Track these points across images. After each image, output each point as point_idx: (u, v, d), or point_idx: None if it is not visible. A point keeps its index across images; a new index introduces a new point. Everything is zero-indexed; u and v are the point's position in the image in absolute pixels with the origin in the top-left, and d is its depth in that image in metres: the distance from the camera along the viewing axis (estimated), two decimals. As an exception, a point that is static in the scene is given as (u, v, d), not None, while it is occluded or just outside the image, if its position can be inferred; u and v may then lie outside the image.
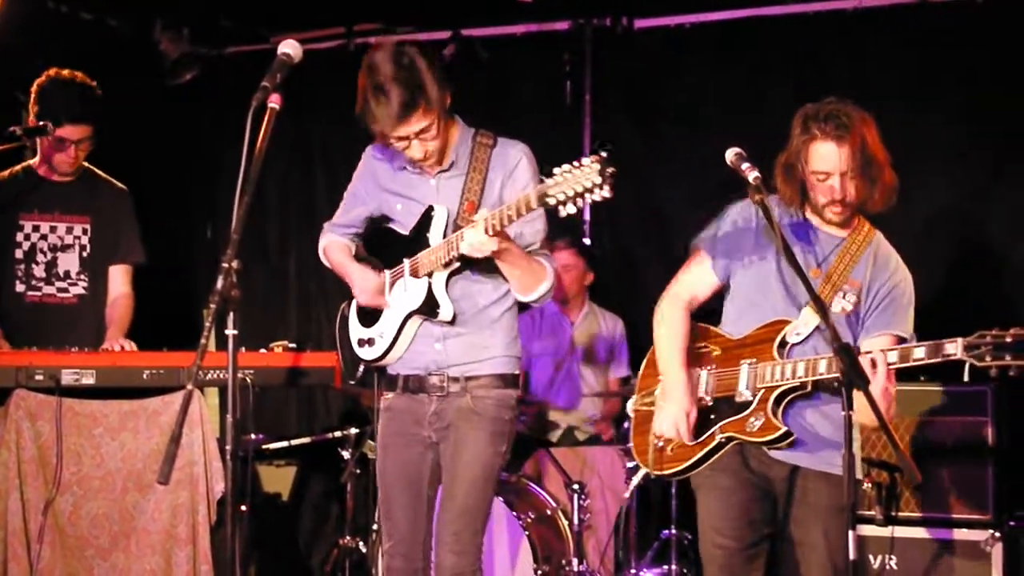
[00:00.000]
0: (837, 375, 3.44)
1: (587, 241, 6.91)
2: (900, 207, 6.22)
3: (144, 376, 4.70)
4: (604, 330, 6.61)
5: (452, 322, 3.95)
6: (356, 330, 4.21)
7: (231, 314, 3.15)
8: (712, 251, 3.97)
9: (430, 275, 3.94)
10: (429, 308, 3.93)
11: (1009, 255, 6.13)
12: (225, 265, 3.13)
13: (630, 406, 4.18)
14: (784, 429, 3.68)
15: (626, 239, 6.97)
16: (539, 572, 5.39)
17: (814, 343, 3.73)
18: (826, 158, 3.70)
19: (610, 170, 3.32)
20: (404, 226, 4.08)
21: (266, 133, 3.28)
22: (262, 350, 4.85)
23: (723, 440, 3.81)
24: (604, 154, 3.34)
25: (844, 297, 3.76)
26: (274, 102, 3.32)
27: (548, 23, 7.06)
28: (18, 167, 5.18)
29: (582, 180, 3.35)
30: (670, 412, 3.85)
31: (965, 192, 6.21)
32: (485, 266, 3.92)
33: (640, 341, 6.66)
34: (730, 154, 3.64)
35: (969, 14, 6.20)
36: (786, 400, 3.73)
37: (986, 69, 6.14)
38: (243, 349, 4.69)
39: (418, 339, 4.03)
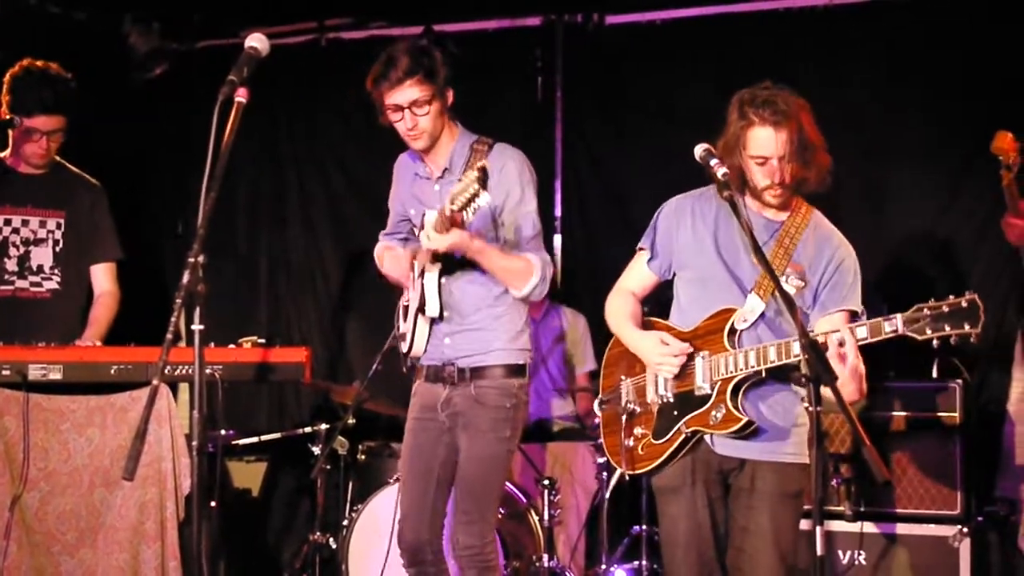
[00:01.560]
0: (788, 361, 3.54)
1: (558, 237, 6.91)
2: (872, 204, 6.34)
3: (112, 371, 4.67)
4: (565, 327, 6.62)
5: (441, 319, 4.26)
6: (400, 325, 4.51)
7: (198, 309, 3.14)
8: (650, 249, 4.11)
9: (421, 274, 4.25)
10: (422, 305, 4.25)
11: (979, 250, 6.15)
12: (191, 260, 3.11)
13: (597, 406, 4.27)
14: (746, 419, 3.73)
15: (596, 233, 6.97)
16: (509, 568, 5.39)
17: (760, 330, 3.80)
18: (764, 143, 3.77)
19: (486, 179, 3.71)
20: (418, 230, 4.38)
21: (233, 127, 3.27)
22: (231, 345, 4.82)
23: (689, 435, 3.85)
24: (484, 163, 3.75)
25: (788, 281, 3.82)
26: (241, 96, 3.31)
27: (520, 19, 7.06)
28: None
29: (468, 189, 3.75)
30: (652, 352, 3.92)
31: (936, 188, 6.24)
32: (478, 265, 4.23)
33: (608, 336, 6.68)
34: (699, 150, 3.70)
35: (939, 12, 6.22)
36: (743, 388, 3.79)
37: (957, 66, 6.16)
38: (212, 344, 4.67)
39: (434, 334, 4.34)
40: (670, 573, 3.96)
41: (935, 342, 3.44)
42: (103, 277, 5.23)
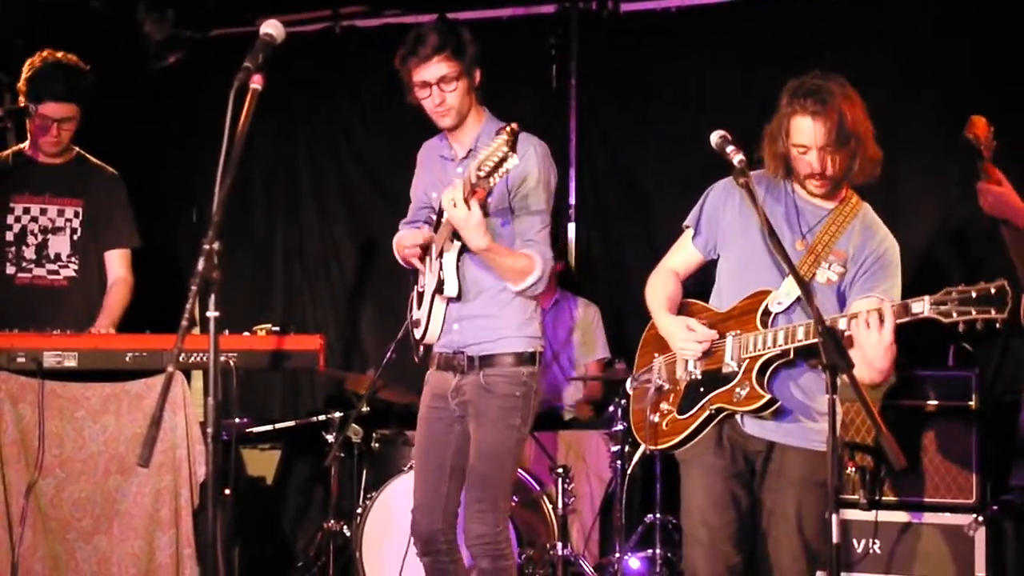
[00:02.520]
0: (816, 340, 3.45)
1: (572, 225, 6.90)
2: (885, 194, 6.31)
3: (127, 359, 4.68)
4: (576, 317, 6.61)
5: (459, 299, 4.24)
6: (414, 312, 4.51)
7: (212, 296, 3.14)
8: (696, 228, 4.10)
9: (441, 255, 4.23)
10: (440, 285, 4.24)
11: (994, 240, 6.11)
12: (206, 247, 3.11)
13: (629, 384, 4.32)
14: (768, 397, 3.74)
15: (611, 221, 6.96)
16: (523, 556, 5.40)
17: (795, 314, 3.80)
18: (804, 132, 3.77)
19: (512, 139, 3.67)
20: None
21: (248, 114, 3.26)
22: (245, 333, 4.82)
23: (713, 411, 3.87)
24: (514, 124, 3.72)
25: (829, 268, 3.83)
26: (256, 83, 3.31)
27: (534, 7, 7.04)
28: (9, 151, 5.16)
29: (496, 152, 3.69)
30: (678, 337, 3.95)
31: (950, 178, 6.21)
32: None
33: (625, 323, 6.68)
34: (715, 137, 3.69)
35: (955, 1, 6.19)
36: (771, 369, 3.78)
37: (970, 56, 6.13)
38: (226, 332, 4.67)
39: (446, 319, 4.33)
40: (686, 542, 3.99)
41: (961, 326, 3.42)
42: (117, 264, 5.24)
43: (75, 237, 5.15)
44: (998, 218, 4.72)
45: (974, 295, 3.43)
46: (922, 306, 3.47)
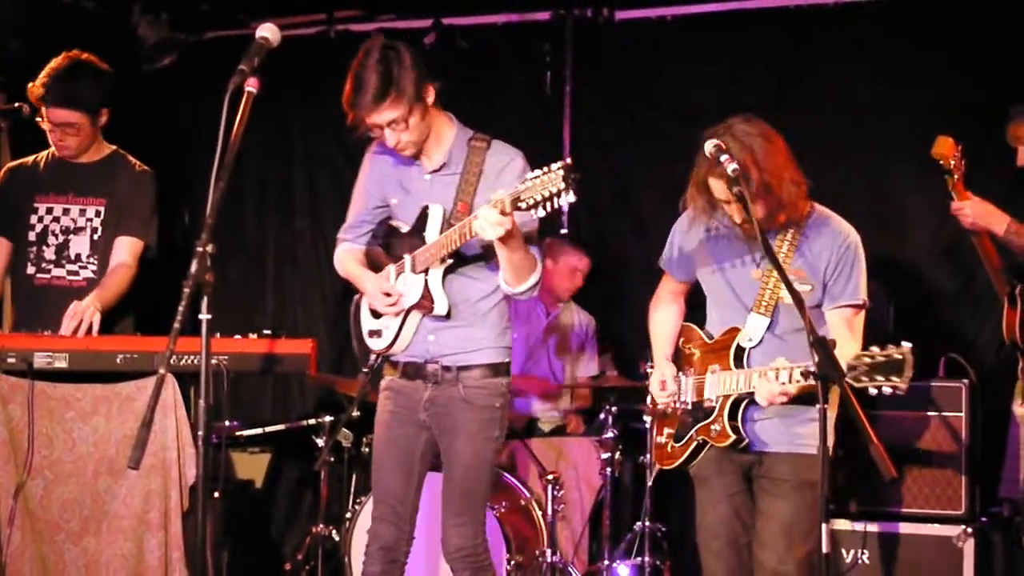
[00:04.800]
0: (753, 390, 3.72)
1: (564, 231, 6.91)
2: (877, 202, 6.33)
3: (117, 360, 4.66)
4: (578, 326, 6.62)
5: (448, 316, 4.16)
6: (367, 321, 4.40)
7: (205, 299, 3.14)
8: (668, 268, 4.29)
9: (426, 271, 4.13)
10: (424, 304, 4.14)
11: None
12: (199, 249, 3.12)
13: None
14: (733, 438, 3.92)
15: (604, 228, 6.97)
16: (512, 562, 5.39)
17: (770, 345, 3.91)
18: (718, 189, 3.84)
19: (574, 176, 3.47)
20: (403, 221, 4.29)
21: (243, 117, 3.28)
22: (237, 336, 4.82)
23: (700, 442, 4.04)
24: (569, 160, 3.51)
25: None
26: (251, 86, 3.32)
27: (529, 14, 7.04)
28: (44, 152, 5.14)
29: (548, 186, 3.52)
30: (653, 378, 4.22)
31: (942, 186, 6.22)
32: (476, 261, 4.16)
33: (617, 331, 6.69)
34: (709, 146, 3.71)
35: (948, 9, 6.21)
36: (742, 405, 3.93)
37: (964, 64, 6.14)
38: (218, 335, 4.66)
39: (417, 331, 4.23)
40: (701, 553, 4.13)
41: (871, 390, 3.49)
42: (124, 250, 5.08)
43: (95, 237, 5.10)
44: (981, 232, 4.75)
45: (880, 361, 3.48)
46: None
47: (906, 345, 3.48)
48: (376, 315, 4.33)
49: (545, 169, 3.55)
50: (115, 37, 6.94)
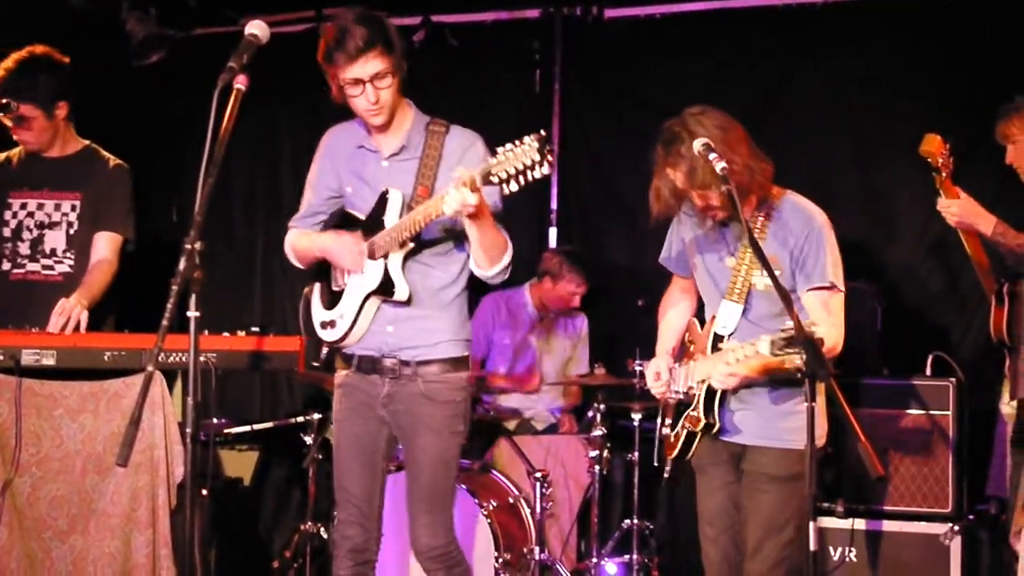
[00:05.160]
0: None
1: (553, 230, 6.91)
2: (867, 200, 6.35)
3: (105, 357, 4.65)
4: (568, 326, 6.62)
5: (408, 302, 4.03)
6: (319, 313, 4.27)
7: (194, 296, 3.13)
8: (669, 266, 4.33)
9: (386, 256, 4.00)
10: (385, 289, 4.00)
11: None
12: (188, 247, 3.12)
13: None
14: (704, 422, 3.97)
15: (593, 227, 6.98)
16: (500, 560, 5.39)
17: (746, 333, 3.92)
18: (679, 180, 3.87)
19: (548, 147, 3.39)
20: (359, 209, 4.17)
21: (232, 114, 3.28)
22: (225, 333, 4.81)
23: (688, 430, 4.06)
24: (543, 132, 3.42)
25: (762, 274, 3.89)
26: (240, 83, 3.32)
27: (518, 11, 7.05)
28: (17, 148, 5.12)
29: (522, 158, 3.42)
30: (649, 369, 4.22)
31: (932, 185, 6.24)
32: (437, 248, 4.05)
33: (605, 328, 6.69)
34: (698, 144, 3.71)
35: (935, 9, 6.23)
36: (719, 392, 3.96)
37: (953, 63, 6.17)
38: (206, 332, 4.65)
39: (374, 321, 4.10)
40: (701, 539, 4.17)
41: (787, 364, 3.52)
42: (104, 246, 5.05)
43: (71, 231, 5.08)
44: (967, 230, 4.76)
45: (790, 338, 3.48)
46: (765, 346, 3.53)
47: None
48: (330, 306, 4.21)
49: (518, 142, 3.44)
50: (103, 33, 6.93)
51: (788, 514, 3.89)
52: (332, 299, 4.22)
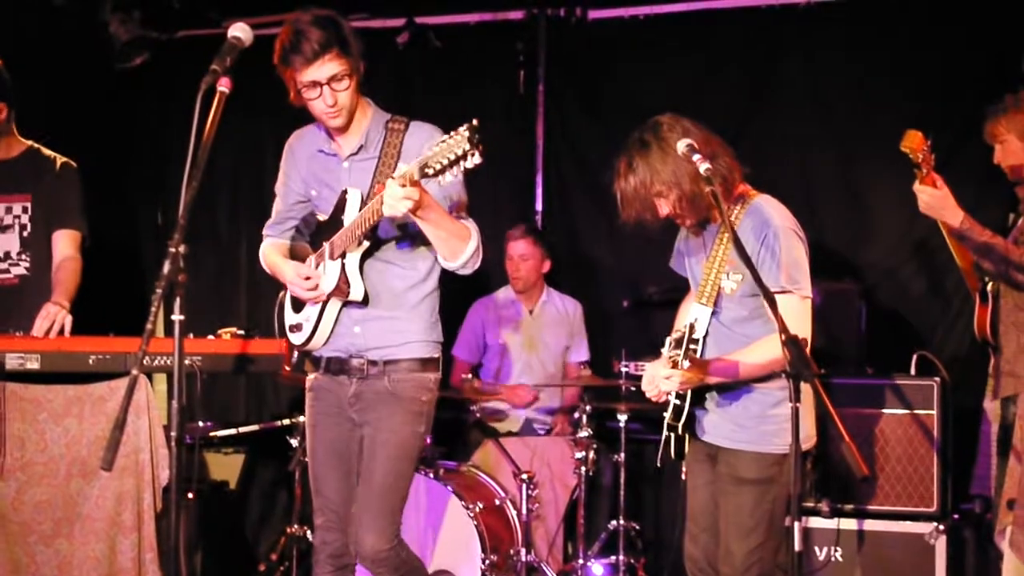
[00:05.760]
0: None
1: (539, 229, 6.91)
2: (849, 201, 6.37)
3: (90, 361, 4.63)
4: (563, 315, 6.60)
5: (365, 303, 4.03)
6: (288, 316, 4.30)
7: (178, 299, 3.13)
8: (675, 267, 4.32)
9: (343, 255, 4.00)
10: (340, 288, 4.00)
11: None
12: (172, 250, 3.11)
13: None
14: (671, 425, 4.03)
15: (578, 227, 6.98)
16: (487, 562, 5.39)
17: (718, 336, 3.95)
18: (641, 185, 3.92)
19: (477, 137, 3.38)
20: (323, 212, 4.19)
21: (215, 117, 3.28)
22: (210, 336, 4.80)
23: (665, 435, 4.11)
24: (475, 122, 3.42)
25: (729, 277, 3.93)
26: (223, 85, 3.32)
27: (502, 12, 7.04)
28: None
29: (455, 148, 3.42)
30: (646, 373, 4.11)
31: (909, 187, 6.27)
32: (397, 246, 4.04)
33: (591, 328, 6.69)
34: (681, 145, 3.71)
35: (918, 10, 6.25)
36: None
37: (936, 64, 6.19)
38: (191, 335, 4.65)
39: (340, 322, 4.10)
40: (684, 542, 4.18)
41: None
42: (64, 244, 5.02)
43: (24, 233, 5.05)
44: (934, 219, 4.76)
45: (677, 339, 3.74)
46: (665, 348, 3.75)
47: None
48: (297, 309, 4.23)
49: (452, 133, 3.45)
50: (87, 35, 6.91)
51: (758, 518, 3.90)
52: (300, 303, 4.24)
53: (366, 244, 3.98)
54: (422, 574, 4.19)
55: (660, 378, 3.87)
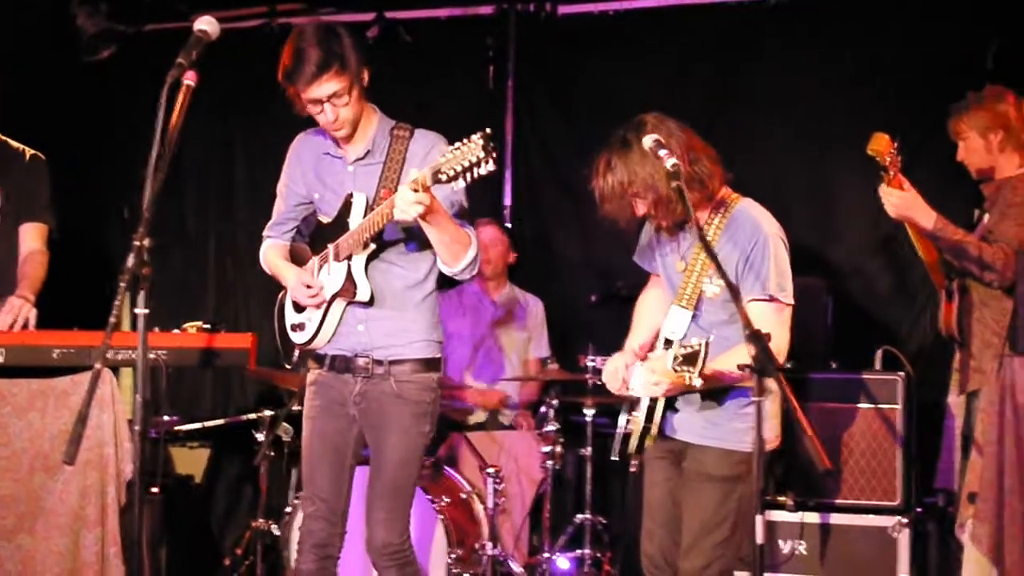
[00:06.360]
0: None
1: (507, 226, 6.91)
2: (818, 200, 6.40)
3: (54, 355, 4.62)
4: (525, 310, 6.62)
5: (371, 303, 4.10)
6: (290, 316, 4.36)
7: (142, 292, 3.12)
8: (639, 261, 4.30)
9: (349, 258, 4.08)
10: (348, 290, 4.08)
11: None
12: (136, 243, 3.10)
13: None
14: (644, 425, 3.99)
15: (546, 223, 6.99)
16: (453, 556, 5.40)
17: (693, 339, 3.85)
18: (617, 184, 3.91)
19: (492, 145, 3.49)
20: (326, 214, 4.26)
21: (181, 110, 3.27)
22: (175, 330, 4.78)
23: (628, 432, 4.09)
24: (488, 131, 3.50)
25: (711, 281, 3.92)
26: (189, 79, 3.31)
27: (472, 7, 7.04)
28: None
29: (468, 155, 3.52)
30: (607, 365, 4.17)
31: (878, 184, 6.31)
32: (400, 248, 4.12)
33: (558, 324, 6.71)
34: (648, 140, 3.71)
35: (886, 9, 6.28)
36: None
37: (905, 63, 6.22)
38: (156, 329, 4.63)
39: (344, 322, 4.17)
40: (641, 537, 4.17)
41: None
42: (31, 237, 5.02)
43: None
44: (904, 222, 4.80)
45: (689, 355, 3.62)
46: (669, 360, 3.67)
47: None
48: (299, 309, 4.30)
49: (465, 140, 3.54)
50: (54, 28, 6.87)
51: (724, 514, 3.90)
52: (295, 303, 4.32)
53: (372, 247, 4.07)
54: None
55: (648, 384, 3.83)
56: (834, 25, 6.42)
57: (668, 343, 3.92)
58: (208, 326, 4.86)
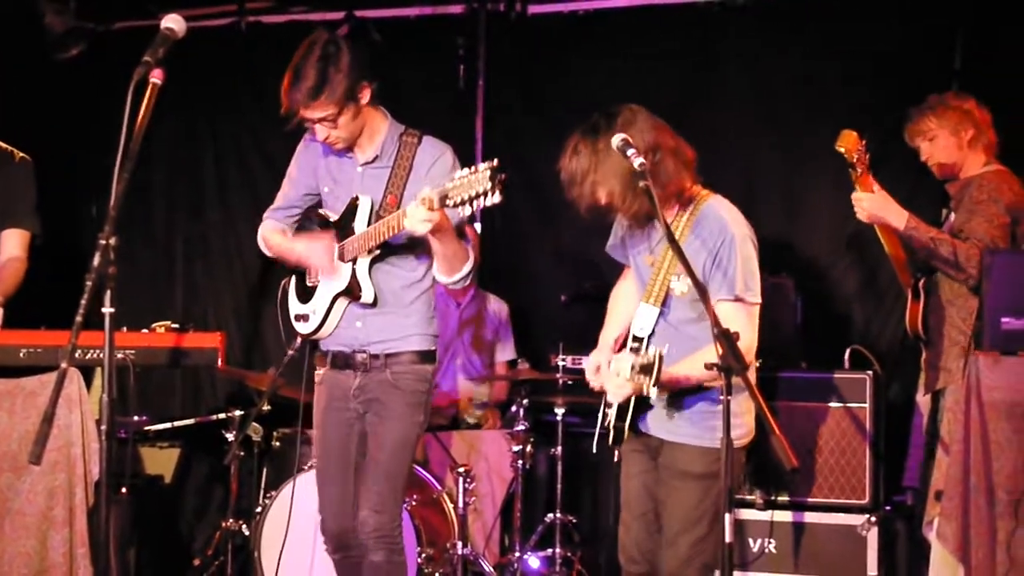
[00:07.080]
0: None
1: (477, 226, 6.91)
2: (787, 199, 6.42)
3: (21, 355, 4.61)
4: (491, 312, 6.63)
5: (374, 304, 4.27)
6: (294, 305, 4.50)
7: (108, 292, 3.10)
8: (612, 253, 4.28)
9: (354, 260, 4.24)
10: (352, 291, 4.26)
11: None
12: (102, 242, 3.08)
13: None
14: (616, 424, 3.98)
15: (516, 222, 6.98)
16: (423, 555, 5.39)
17: (665, 335, 3.92)
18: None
19: (500, 176, 3.61)
20: (330, 208, 4.41)
21: (147, 109, 3.26)
22: (144, 330, 4.76)
23: (603, 429, 4.09)
24: (495, 162, 3.63)
25: (679, 279, 3.90)
26: (156, 77, 3.29)
27: (442, 7, 7.03)
28: None
29: (476, 185, 3.66)
30: (588, 361, 4.13)
31: (850, 183, 6.33)
32: (402, 253, 4.28)
33: (528, 324, 6.71)
34: (616, 140, 3.70)
35: (856, 10, 6.31)
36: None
37: (871, 62, 6.25)
38: (124, 329, 4.61)
39: (344, 317, 4.36)
40: (619, 529, 4.18)
41: None
42: (12, 243, 5.02)
43: None
44: (876, 224, 4.84)
45: (646, 365, 3.62)
46: (627, 368, 3.70)
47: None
48: (303, 300, 4.43)
49: (473, 169, 3.68)
50: (21, 26, 6.82)
51: (702, 511, 3.90)
52: (306, 293, 4.45)
53: (377, 252, 4.23)
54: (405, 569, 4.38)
55: (612, 387, 3.85)
56: (803, 25, 6.45)
57: (637, 339, 3.94)
58: (177, 326, 4.84)
